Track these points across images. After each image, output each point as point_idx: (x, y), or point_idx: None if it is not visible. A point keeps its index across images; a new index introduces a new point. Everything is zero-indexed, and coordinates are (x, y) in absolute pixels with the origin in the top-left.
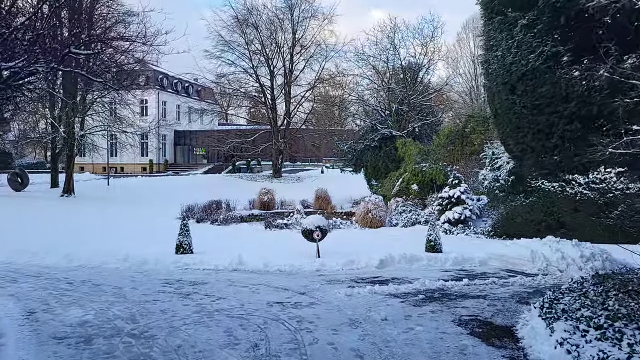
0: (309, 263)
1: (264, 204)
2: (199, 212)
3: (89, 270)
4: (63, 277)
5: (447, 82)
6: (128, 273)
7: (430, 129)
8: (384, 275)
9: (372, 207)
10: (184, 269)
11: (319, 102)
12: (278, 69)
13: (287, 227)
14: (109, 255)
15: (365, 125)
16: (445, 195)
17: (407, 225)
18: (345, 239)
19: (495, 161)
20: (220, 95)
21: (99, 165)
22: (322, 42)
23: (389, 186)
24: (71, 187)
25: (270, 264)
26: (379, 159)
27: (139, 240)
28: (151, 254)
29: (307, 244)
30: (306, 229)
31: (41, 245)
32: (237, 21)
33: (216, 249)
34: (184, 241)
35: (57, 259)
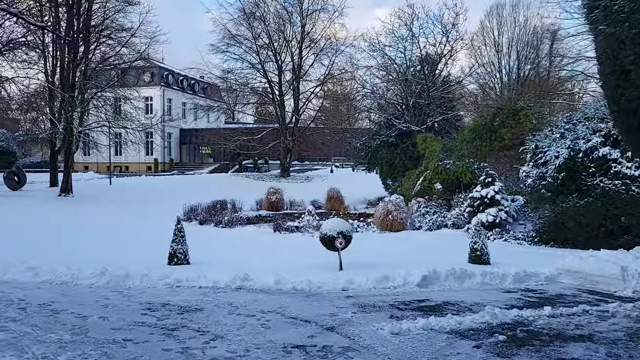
0: (332, 279)
1: (272, 204)
2: (203, 213)
3: (56, 287)
4: (18, 300)
5: (471, 72)
6: (103, 292)
7: (449, 124)
8: (432, 297)
9: (393, 208)
10: (175, 286)
11: (329, 99)
12: (286, 64)
13: (299, 231)
14: (85, 266)
15: (380, 120)
16: (476, 195)
17: (432, 228)
18: (365, 245)
19: (540, 156)
20: (226, 92)
21: (103, 164)
22: (332, 36)
23: (408, 185)
24: (69, 187)
25: (283, 280)
26: (396, 157)
27: (129, 246)
28: (137, 266)
29: (323, 251)
30: (326, 235)
31: (8, 254)
32: (244, 14)
33: (218, 258)
34: (178, 249)
35: (21, 273)
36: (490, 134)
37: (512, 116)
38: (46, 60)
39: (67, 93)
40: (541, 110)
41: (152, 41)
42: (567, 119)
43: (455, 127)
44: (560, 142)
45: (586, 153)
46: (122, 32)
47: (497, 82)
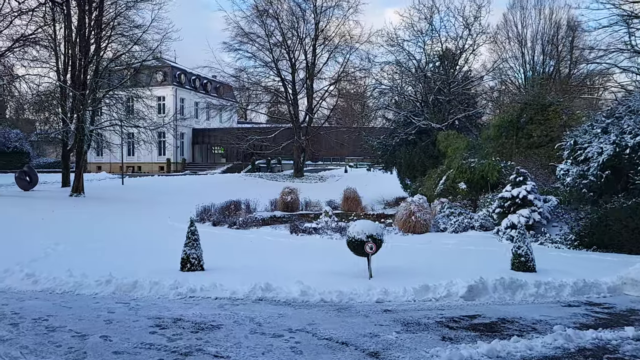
0: (364, 289)
1: (287, 204)
2: (216, 214)
3: (56, 298)
4: (11, 313)
5: (494, 67)
6: (108, 303)
7: (470, 122)
8: (483, 312)
9: (416, 209)
10: (189, 297)
11: (343, 97)
12: (300, 62)
13: (317, 232)
14: (90, 272)
15: (397, 118)
16: (507, 195)
17: (458, 230)
18: (392, 249)
19: (579, 152)
20: (239, 91)
21: (116, 164)
22: (346, 33)
23: (430, 185)
24: (81, 187)
25: (309, 290)
26: (414, 155)
27: (139, 249)
28: (147, 272)
29: (348, 255)
30: (354, 239)
31: (9, 257)
32: (257, 11)
33: (234, 263)
34: (191, 254)
35: (18, 279)
36: (516, 130)
37: (541, 112)
38: (58, 58)
39: (79, 91)
40: (571, 105)
41: (164, 38)
42: (608, 113)
43: (476, 124)
44: (603, 138)
45: (634, 149)
46: (134, 28)
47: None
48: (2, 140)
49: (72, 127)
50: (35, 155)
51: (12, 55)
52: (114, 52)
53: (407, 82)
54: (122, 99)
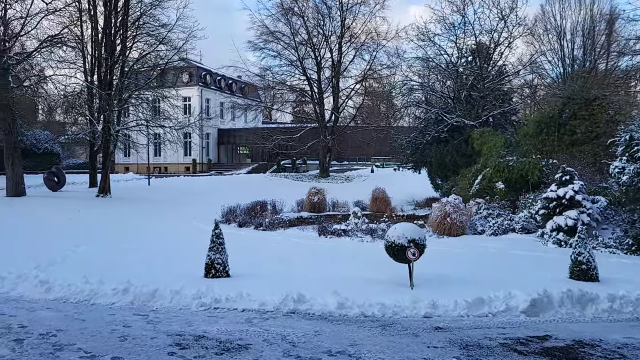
0: (408, 301)
1: (314, 205)
2: (242, 215)
3: (69, 308)
4: (17, 326)
5: (531, 61)
6: (124, 315)
7: (505, 118)
8: (552, 331)
9: (451, 210)
10: (213, 308)
11: (370, 96)
12: (325, 60)
13: (346, 235)
14: (107, 279)
15: (427, 116)
16: (551, 195)
17: (498, 233)
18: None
19: (636, 149)
20: (264, 91)
21: (143, 165)
22: (373, 30)
23: (464, 185)
24: (107, 187)
25: (346, 302)
26: (446, 154)
27: (161, 253)
28: (168, 279)
29: (384, 260)
30: (394, 243)
31: (28, 261)
32: (282, 9)
33: (261, 269)
34: (216, 259)
35: (32, 286)
36: (558, 127)
37: (585, 107)
38: (85, 59)
39: (105, 91)
40: (617, 99)
41: (189, 37)
42: None
43: (511, 121)
44: None
45: None
46: (159, 27)
47: (559, 71)
48: (33, 142)
49: (99, 127)
50: (65, 156)
51: (39, 56)
52: (139, 52)
53: (437, 78)
54: (148, 99)
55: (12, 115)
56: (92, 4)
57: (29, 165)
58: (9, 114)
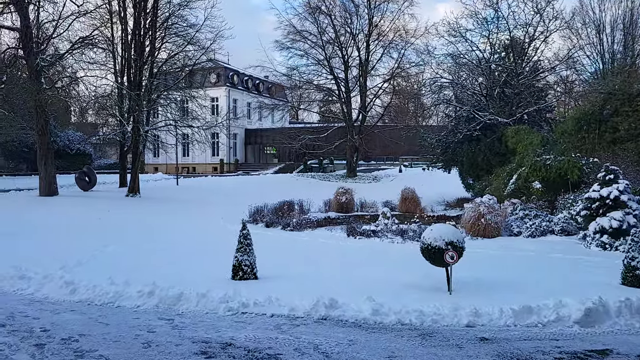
0: (448, 308)
1: (342, 205)
2: (269, 215)
3: (93, 310)
4: (40, 330)
5: (569, 56)
6: (149, 319)
7: (540, 116)
8: (612, 345)
9: (486, 210)
10: (241, 313)
11: (398, 94)
12: (353, 59)
13: (376, 235)
14: (133, 280)
15: (459, 114)
16: (594, 195)
17: (535, 235)
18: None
19: None
20: (291, 90)
21: (172, 165)
22: (401, 28)
23: (498, 185)
24: (136, 187)
25: (382, 308)
26: (479, 153)
27: (188, 253)
28: (195, 279)
29: (417, 262)
30: (431, 246)
31: (56, 261)
32: (309, 8)
33: (290, 271)
34: (243, 260)
35: (57, 287)
36: (598, 124)
37: (628, 102)
38: (115, 60)
39: (134, 92)
40: None
41: (217, 37)
42: None
43: (546, 118)
44: None
45: None
46: (187, 28)
47: (598, 66)
48: (66, 143)
49: (129, 128)
50: (97, 156)
51: (71, 58)
52: (168, 53)
53: (469, 75)
54: (177, 100)
55: (45, 116)
56: (122, 6)
57: (62, 166)
58: (42, 115)
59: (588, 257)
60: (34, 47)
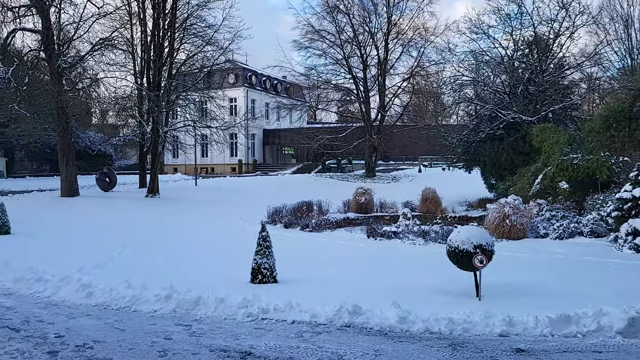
0: (479, 316)
1: (361, 205)
2: (288, 216)
3: (109, 315)
4: (54, 336)
5: (596, 52)
6: (166, 325)
7: (565, 114)
8: None
9: (511, 211)
10: (260, 319)
11: (417, 94)
12: (372, 58)
13: (397, 237)
14: (150, 283)
15: (480, 113)
16: (626, 195)
17: (563, 236)
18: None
19: None
20: (309, 90)
21: (191, 166)
22: (421, 26)
23: (522, 185)
24: (156, 187)
25: (408, 316)
26: (502, 152)
27: (206, 255)
28: (213, 284)
29: (439, 265)
30: (458, 249)
31: (74, 262)
32: (328, 7)
33: (310, 274)
34: (263, 263)
35: (73, 291)
36: (628, 121)
37: None
38: (134, 61)
39: (153, 92)
40: None
41: (235, 37)
42: None
43: (571, 117)
44: None
45: None
46: (205, 28)
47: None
48: (88, 144)
49: (148, 129)
50: (117, 157)
51: (91, 59)
52: (187, 54)
53: (491, 73)
54: (195, 101)
55: (66, 117)
56: (142, 7)
57: (84, 167)
58: (63, 116)
59: (622, 260)
60: (56, 49)
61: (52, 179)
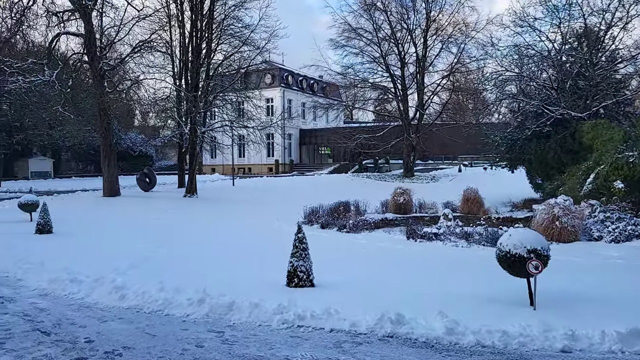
0: (537, 329)
1: (400, 206)
2: (324, 216)
3: (141, 319)
4: (84, 340)
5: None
6: (198, 331)
7: (617, 109)
8: None
9: (561, 212)
10: (296, 326)
11: (457, 91)
12: (410, 56)
13: (438, 238)
14: (183, 286)
15: (525, 110)
16: None
17: (619, 239)
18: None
19: None
20: (345, 89)
21: (228, 166)
22: (461, 21)
23: (572, 184)
24: (194, 188)
25: (457, 327)
26: (549, 150)
27: (241, 255)
28: (247, 288)
29: (486, 269)
30: (510, 253)
31: (109, 263)
32: (365, 5)
33: (348, 278)
34: (299, 266)
35: (107, 292)
36: None
37: None
38: (173, 63)
39: (191, 93)
40: None
41: (272, 36)
42: None
43: (624, 112)
44: None
45: None
46: (242, 29)
47: None
48: (130, 145)
49: (187, 129)
50: (158, 158)
51: (131, 61)
52: (224, 55)
53: (537, 67)
54: (232, 101)
55: (107, 118)
56: (180, 9)
57: (126, 167)
58: (105, 117)
59: None
60: (97, 52)
61: (96, 179)
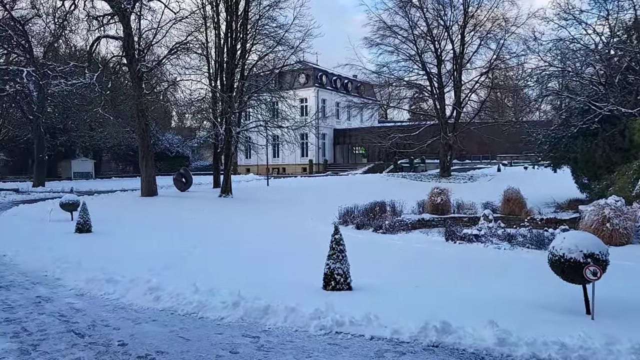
0: (599, 341)
1: (437, 206)
2: (360, 216)
3: (175, 321)
4: (117, 344)
5: None
6: (232, 336)
7: None
8: None
9: (612, 214)
10: (335, 332)
11: (496, 89)
12: (446, 53)
13: (478, 240)
14: (218, 287)
15: (570, 106)
16: None
17: None
18: None
19: None
20: (379, 88)
21: (262, 166)
22: (500, 16)
23: (623, 184)
24: (229, 188)
25: (509, 337)
26: (596, 149)
27: (276, 256)
28: (282, 291)
29: (533, 273)
30: (564, 258)
31: (146, 262)
32: (400, 2)
33: (387, 281)
34: (336, 269)
35: (141, 293)
36: None
37: None
38: (209, 64)
39: (226, 94)
40: None
41: (306, 35)
42: None
43: None
44: None
45: None
46: (276, 28)
47: None
48: (167, 146)
49: (222, 130)
50: (194, 158)
51: (168, 63)
52: (258, 55)
53: (583, 62)
54: (267, 101)
55: (145, 119)
56: (215, 11)
57: (163, 167)
58: (143, 119)
59: None
60: (136, 54)
61: (134, 180)
